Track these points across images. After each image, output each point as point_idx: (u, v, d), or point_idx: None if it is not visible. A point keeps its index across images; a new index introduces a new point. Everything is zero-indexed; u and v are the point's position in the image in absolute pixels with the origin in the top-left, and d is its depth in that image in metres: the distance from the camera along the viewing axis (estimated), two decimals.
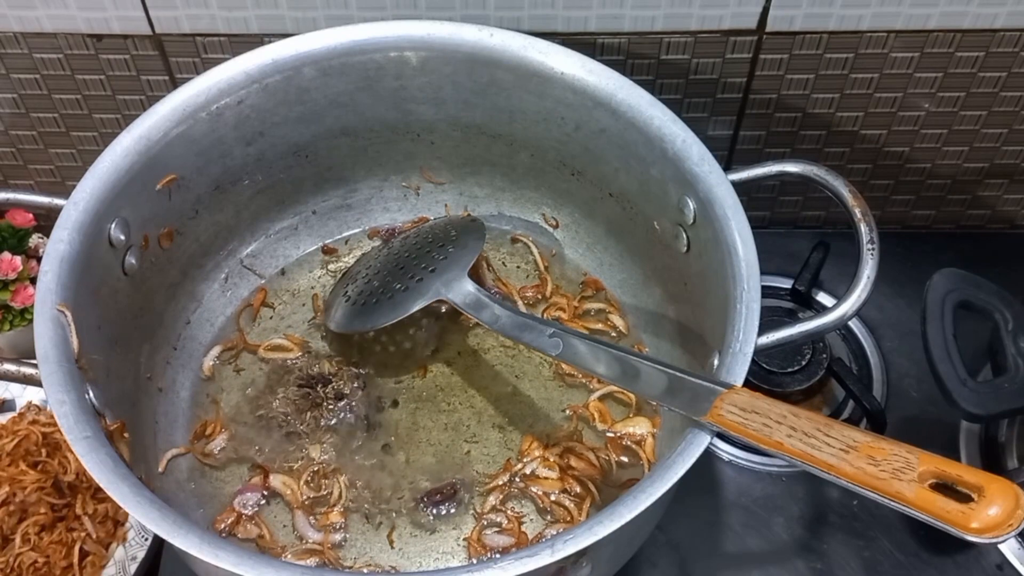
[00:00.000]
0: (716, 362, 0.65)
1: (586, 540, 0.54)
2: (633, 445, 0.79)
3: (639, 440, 0.79)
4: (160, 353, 0.80)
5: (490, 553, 0.74)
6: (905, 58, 0.85)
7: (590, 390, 0.82)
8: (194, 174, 0.78)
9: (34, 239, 0.93)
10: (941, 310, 0.77)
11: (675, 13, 0.81)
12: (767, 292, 0.94)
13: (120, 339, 0.73)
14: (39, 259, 0.78)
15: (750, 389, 0.59)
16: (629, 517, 0.55)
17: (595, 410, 0.81)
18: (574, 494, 0.77)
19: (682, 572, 0.80)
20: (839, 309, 0.66)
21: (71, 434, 0.59)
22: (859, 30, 0.82)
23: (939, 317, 0.77)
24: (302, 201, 0.89)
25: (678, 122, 0.73)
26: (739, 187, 0.70)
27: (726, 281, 0.67)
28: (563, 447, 0.79)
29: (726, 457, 0.86)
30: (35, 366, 0.63)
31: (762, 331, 0.64)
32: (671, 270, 0.79)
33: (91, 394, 0.63)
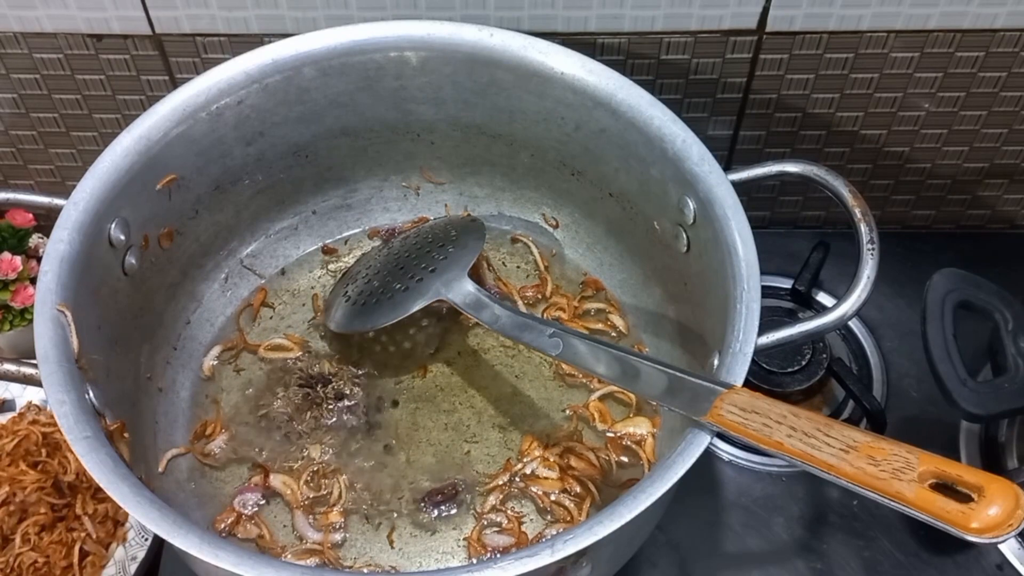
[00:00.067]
0: (716, 362, 0.65)
1: (586, 540, 0.54)
2: (633, 445, 0.79)
3: (639, 440, 0.79)
4: (160, 353, 0.80)
5: (490, 553, 0.74)
6: (905, 58, 0.85)
7: (590, 390, 0.82)
8: (194, 174, 0.78)
9: (34, 239, 0.93)
10: (941, 310, 0.77)
11: (675, 13, 0.81)
12: (767, 292, 0.94)
13: (120, 339, 0.73)
14: (39, 259, 0.78)
15: (750, 389, 0.59)
16: (629, 517, 0.55)
17: (595, 410, 0.81)
18: (574, 494, 0.77)
19: (682, 572, 0.80)
20: (839, 309, 0.66)
21: (71, 434, 0.59)
22: (859, 30, 0.82)
23: (939, 317, 0.77)
24: (302, 201, 0.89)
25: (678, 122, 0.73)
26: (739, 187, 0.70)
27: (726, 281, 0.67)
28: (563, 447, 0.79)
29: (726, 457, 0.86)
30: (35, 366, 0.63)
31: (762, 331, 0.64)
32: (671, 270, 0.79)
33: (91, 394, 0.63)
